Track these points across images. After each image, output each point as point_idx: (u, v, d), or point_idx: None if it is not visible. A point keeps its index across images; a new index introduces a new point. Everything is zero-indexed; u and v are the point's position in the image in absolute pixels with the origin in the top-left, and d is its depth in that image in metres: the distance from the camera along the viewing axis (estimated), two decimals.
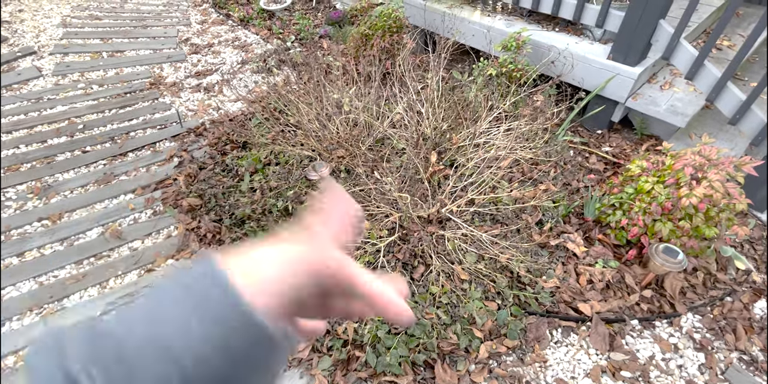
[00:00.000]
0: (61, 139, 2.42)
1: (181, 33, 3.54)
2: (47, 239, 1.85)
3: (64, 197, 2.08)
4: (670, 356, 1.57)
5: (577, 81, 2.35)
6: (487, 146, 1.97)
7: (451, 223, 1.79)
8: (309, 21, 3.47)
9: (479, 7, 2.78)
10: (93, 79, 2.95)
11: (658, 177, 1.68)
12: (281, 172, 1.94)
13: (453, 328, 1.52)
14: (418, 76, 2.28)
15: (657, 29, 2.07)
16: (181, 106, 2.74)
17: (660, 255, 1.64)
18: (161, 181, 2.16)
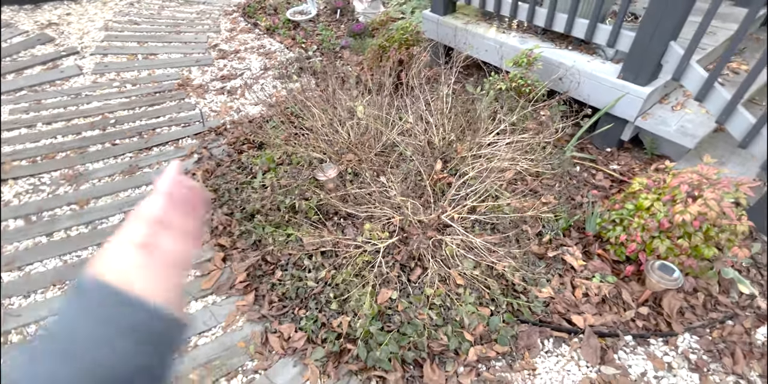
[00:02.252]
0: (94, 132, 2.61)
1: (210, 39, 3.76)
2: (74, 222, 1.99)
3: (92, 185, 2.24)
4: (663, 374, 1.57)
5: (583, 98, 2.39)
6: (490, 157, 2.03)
7: (450, 229, 1.84)
8: (331, 32, 3.63)
9: (495, 24, 2.87)
10: (127, 79, 3.16)
11: (658, 194, 1.70)
12: (292, 171, 2.04)
13: (444, 329, 1.56)
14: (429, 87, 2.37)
15: (667, 50, 2.10)
16: (205, 106, 2.90)
17: (656, 272, 1.65)
18: None
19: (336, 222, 1.92)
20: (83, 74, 3.18)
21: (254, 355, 1.53)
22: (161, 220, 0.39)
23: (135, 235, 0.38)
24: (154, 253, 0.37)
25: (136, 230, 0.38)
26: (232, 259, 1.84)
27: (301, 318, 1.60)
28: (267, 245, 1.81)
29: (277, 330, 1.59)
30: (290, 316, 1.63)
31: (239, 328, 1.62)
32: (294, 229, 1.84)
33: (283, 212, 1.88)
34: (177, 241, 0.38)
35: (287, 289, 1.67)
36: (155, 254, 0.37)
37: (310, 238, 1.79)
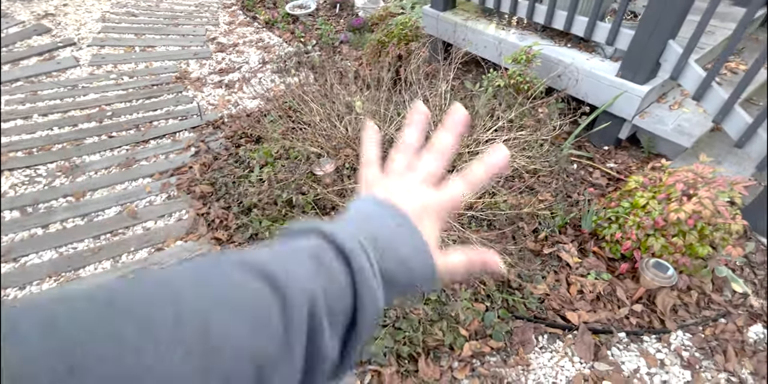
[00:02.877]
0: (90, 124, 2.59)
1: (209, 32, 3.73)
2: (70, 214, 1.99)
3: (88, 177, 2.23)
4: (656, 371, 1.58)
5: (581, 95, 2.39)
6: None
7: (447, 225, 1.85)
8: (331, 27, 3.61)
9: (494, 21, 2.86)
10: (124, 71, 3.13)
11: (653, 192, 1.71)
12: (289, 166, 2.03)
13: (439, 324, 1.57)
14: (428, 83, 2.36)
15: (666, 49, 2.10)
16: (202, 100, 2.89)
17: (650, 269, 1.66)
18: (178, 168, 2.29)
19: (333, 217, 1.92)
20: (80, 66, 3.16)
21: None
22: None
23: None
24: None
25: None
26: None
27: None
28: (264, 239, 1.81)
29: None
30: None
31: None
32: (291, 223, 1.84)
33: (280, 206, 1.88)
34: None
35: None
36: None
37: None
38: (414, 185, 0.36)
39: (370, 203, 0.34)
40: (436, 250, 0.34)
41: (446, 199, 0.36)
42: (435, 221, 0.35)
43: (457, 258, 0.35)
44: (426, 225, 0.34)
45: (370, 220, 0.33)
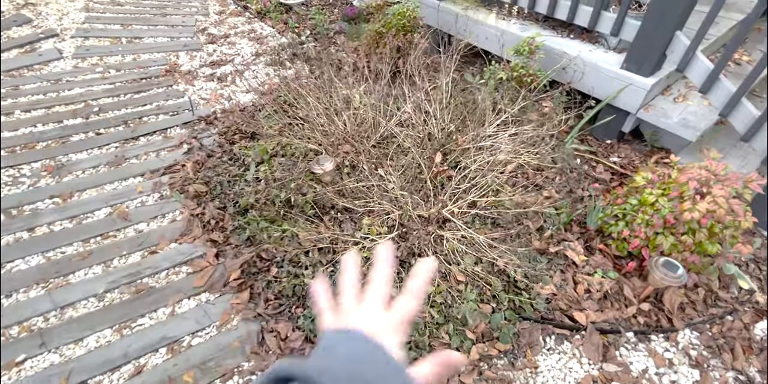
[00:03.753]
0: (76, 121, 2.48)
1: (198, 22, 3.59)
2: (57, 216, 1.90)
3: (75, 177, 2.13)
4: (664, 371, 1.56)
5: (587, 89, 2.33)
6: (492, 150, 1.97)
7: (451, 224, 1.79)
8: (325, 16, 3.49)
9: (494, 10, 2.77)
10: (111, 64, 3.00)
11: (663, 189, 1.67)
12: (287, 164, 1.96)
13: (446, 327, 1.53)
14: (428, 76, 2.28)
15: (673, 40, 2.05)
16: (194, 94, 2.78)
17: (660, 268, 1.63)
18: (170, 167, 2.20)
19: (333, 216, 1.86)
20: (63, 58, 3.02)
21: (250, 355, 1.48)
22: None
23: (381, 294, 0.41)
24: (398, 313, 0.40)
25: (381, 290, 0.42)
26: (226, 255, 1.77)
27: (299, 316, 1.55)
28: (261, 241, 1.74)
29: (274, 329, 1.54)
30: (287, 314, 1.58)
31: (234, 328, 1.56)
32: (289, 224, 1.78)
33: (278, 207, 1.81)
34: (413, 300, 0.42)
35: (283, 286, 1.62)
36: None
37: (307, 234, 1.72)
38: (369, 312, 0.39)
39: (341, 338, 0.37)
40: (408, 368, 0.36)
41: (399, 314, 0.39)
42: (396, 335, 0.38)
43: (425, 369, 0.38)
44: (391, 343, 0.36)
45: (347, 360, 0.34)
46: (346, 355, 0.34)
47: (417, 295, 0.40)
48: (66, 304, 1.59)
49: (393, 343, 0.37)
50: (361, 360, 0.33)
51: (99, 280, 1.67)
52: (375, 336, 0.36)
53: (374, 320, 0.38)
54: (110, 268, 1.73)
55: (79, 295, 1.61)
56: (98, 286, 1.64)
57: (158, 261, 1.74)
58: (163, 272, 1.73)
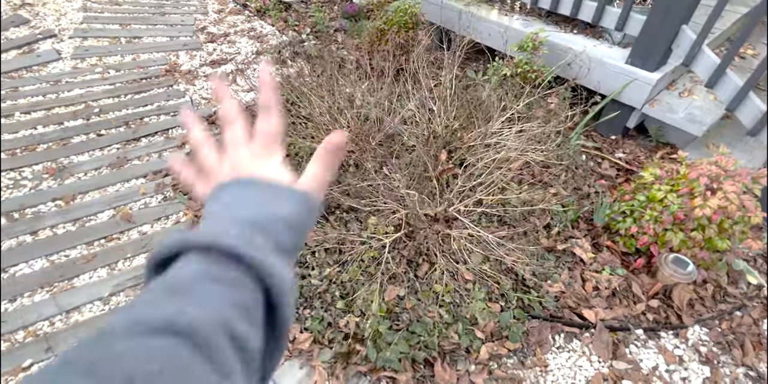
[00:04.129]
0: (77, 122, 2.45)
1: (198, 21, 3.56)
2: (60, 219, 1.88)
3: (77, 179, 2.11)
4: (674, 368, 1.55)
5: (593, 85, 2.32)
6: (498, 147, 1.95)
7: (457, 223, 1.78)
8: (325, 14, 3.46)
9: (497, 6, 2.75)
10: (110, 64, 2.97)
11: (671, 186, 1.65)
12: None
13: (455, 327, 1.52)
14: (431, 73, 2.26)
15: (679, 35, 2.03)
16: (195, 93, 2.76)
17: (669, 265, 1.61)
18: None
19: (339, 216, 1.85)
20: (62, 59, 2.99)
21: None
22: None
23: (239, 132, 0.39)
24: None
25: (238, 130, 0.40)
26: None
27: (307, 318, 1.54)
28: None
29: None
30: (294, 316, 1.57)
31: None
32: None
33: None
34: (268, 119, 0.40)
35: None
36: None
37: (312, 234, 1.71)
38: (232, 157, 0.38)
39: (216, 196, 0.35)
40: (294, 180, 0.36)
41: (261, 139, 0.38)
42: (268, 158, 0.37)
43: (313, 168, 0.37)
44: (261, 166, 0.36)
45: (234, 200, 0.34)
46: (224, 203, 0.33)
47: (270, 111, 0.39)
48: (71, 308, 1.57)
49: (267, 167, 0.36)
50: (239, 203, 0.33)
51: (104, 283, 1.66)
52: (248, 173, 0.35)
53: (239, 161, 0.37)
54: (115, 271, 1.72)
55: (84, 299, 1.60)
56: (103, 289, 1.63)
57: None
58: None
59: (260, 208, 0.33)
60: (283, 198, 0.34)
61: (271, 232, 0.32)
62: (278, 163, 0.37)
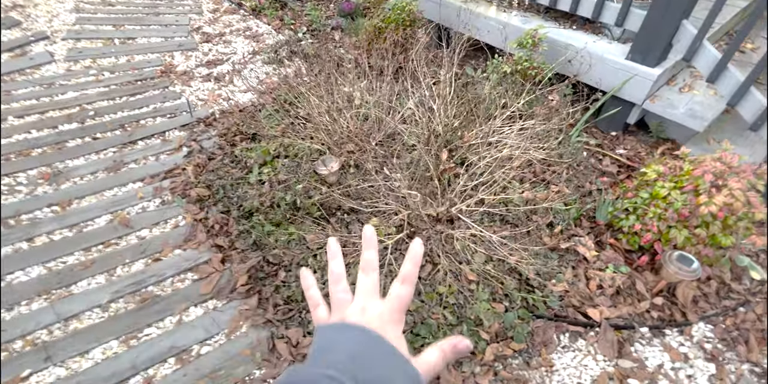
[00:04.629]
0: (71, 126, 2.42)
1: (192, 21, 3.52)
2: (56, 225, 1.85)
3: (73, 184, 2.08)
4: (680, 366, 1.55)
5: (595, 81, 2.30)
6: (499, 145, 1.94)
7: (460, 223, 1.76)
8: (321, 12, 3.43)
9: (495, 2, 2.72)
10: (104, 66, 2.93)
11: (675, 183, 1.64)
12: (290, 165, 1.92)
13: (459, 328, 1.51)
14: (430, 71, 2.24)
15: (679, 30, 2.01)
16: (191, 95, 2.72)
17: (674, 263, 1.60)
18: (170, 171, 2.15)
19: (340, 218, 1.83)
20: (55, 61, 2.95)
21: (261, 363, 1.45)
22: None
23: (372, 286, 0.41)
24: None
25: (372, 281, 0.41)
26: (232, 260, 1.73)
27: (309, 321, 1.53)
28: (268, 245, 1.70)
29: (284, 335, 1.51)
30: (297, 319, 1.55)
31: (244, 335, 1.53)
32: (296, 227, 1.74)
33: (284, 209, 1.77)
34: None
35: (293, 291, 1.59)
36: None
37: (314, 237, 1.69)
38: (363, 304, 0.38)
39: (339, 334, 0.36)
40: (410, 356, 0.35)
41: (394, 303, 0.38)
42: (395, 325, 0.37)
43: (432, 356, 0.37)
44: (390, 332, 0.36)
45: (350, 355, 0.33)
46: (347, 350, 0.33)
47: (410, 281, 0.39)
48: (70, 316, 1.55)
49: (393, 333, 0.36)
50: (364, 354, 0.33)
51: (102, 289, 1.63)
52: (374, 328, 0.35)
53: (371, 312, 0.37)
54: (113, 277, 1.70)
55: (82, 306, 1.57)
56: (102, 296, 1.61)
57: (162, 268, 1.71)
58: (168, 280, 1.69)
59: (379, 376, 0.32)
60: (399, 369, 0.33)
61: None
62: (401, 334, 0.37)
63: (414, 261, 0.40)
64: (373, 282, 0.40)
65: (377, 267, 0.42)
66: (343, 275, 0.42)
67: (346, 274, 0.42)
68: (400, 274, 0.40)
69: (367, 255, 0.42)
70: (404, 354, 0.35)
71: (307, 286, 0.43)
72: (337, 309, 0.40)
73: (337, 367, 0.31)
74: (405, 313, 0.39)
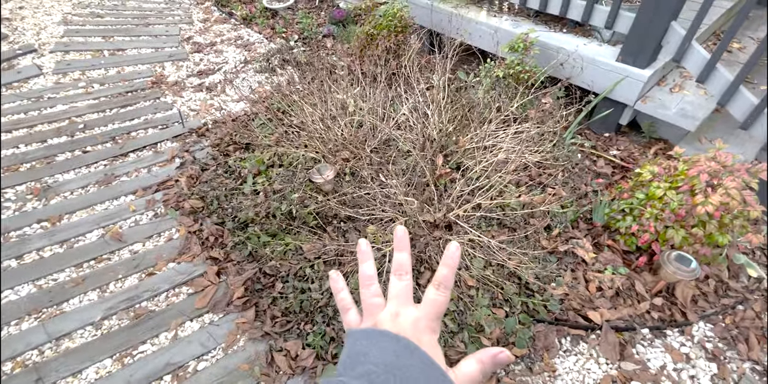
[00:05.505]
0: (61, 139, 2.39)
1: (183, 31, 3.51)
2: (46, 241, 1.81)
3: (63, 198, 2.05)
4: (682, 366, 1.54)
5: (587, 83, 2.31)
6: (494, 149, 1.94)
7: (457, 228, 1.75)
8: (312, 20, 3.43)
9: (485, 7, 2.74)
10: (94, 78, 2.91)
11: (670, 183, 1.64)
12: (285, 174, 1.90)
13: (460, 336, 1.49)
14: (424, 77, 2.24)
15: (668, 31, 2.03)
16: (182, 105, 2.70)
17: (672, 263, 1.60)
18: (163, 183, 2.13)
19: (336, 226, 1.81)
20: (43, 74, 2.92)
21: (260, 377, 1.42)
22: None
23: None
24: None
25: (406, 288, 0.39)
26: (227, 272, 1.70)
27: (308, 333, 1.50)
28: (264, 256, 1.68)
29: (283, 348, 1.49)
30: (296, 331, 1.52)
31: (241, 349, 1.50)
32: (292, 237, 1.72)
33: (279, 219, 1.75)
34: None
35: (290, 302, 1.56)
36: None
37: (311, 246, 1.67)
38: (397, 309, 0.37)
39: (372, 341, 0.34)
40: (447, 367, 0.34)
41: (430, 309, 0.37)
42: (431, 333, 0.36)
43: (471, 367, 0.35)
44: (425, 341, 0.34)
45: (384, 366, 0.32)
46: (382, 361, 0.32)
47: (446, 285, 0.38)
48: (61, 335, 1.51)
49: (428, 341, 0.34)
50: (398, 365, 0.31)
51: (95, 306, 1.60)
52: (408, 336, 0.34)
53: (404, 318, 0.35)
54: (106, 294, 1.66)
55: (74, 325, 1.54)
56: (94, 313, 1.57)
57: (157, 283, 1.67)
58: (163, 294, 1.66)
59: (410, 378, 0.31)
60: (435, 382, 0.32)
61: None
62: (436, 343, 0.36)
63: (450, 265, 0.39)
64: (407, 286, 0.39)
65: (410, 270, 0.40)
66: (374, 278, 0.40)
67: (371, 280, 0.40)
68: (435, 278, 0.38)
69: (399, 257, 0.40)
70: (441, 365, 0.33)
71: (338, 290, 0.42)
72: (369, 314, 0.38)
73: (370, 379, 0.30)
74: (441, 320, 0.37)
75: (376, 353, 0.32)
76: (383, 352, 0.32)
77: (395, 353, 0.32)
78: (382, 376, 0.30)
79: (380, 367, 0.31)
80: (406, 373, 0.31)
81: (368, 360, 0.32)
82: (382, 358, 0.32)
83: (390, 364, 0.31)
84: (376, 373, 0.30)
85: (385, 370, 0.31)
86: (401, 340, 0.33)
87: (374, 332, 0.35)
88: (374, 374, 0.30)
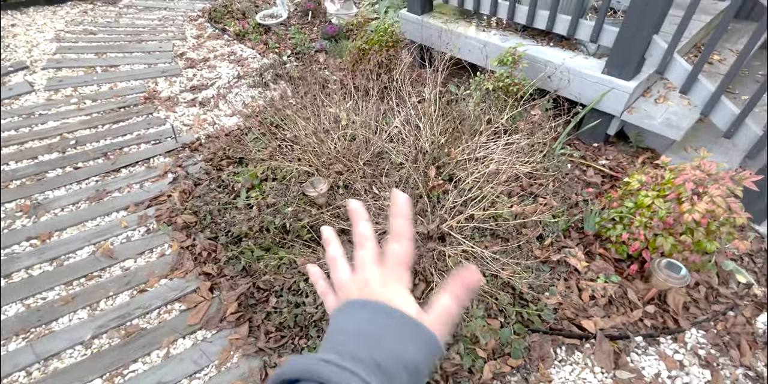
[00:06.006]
0: (52, 156, 2.38)
1: (176, 47, 3.54)
2: (36, 259, 1.79)
3: (54, 215, 2.03)
4: (676, 373, 1.55)
5: (574, 95, 2.37)
6: (486, 161, 1.96)
7: (451, 239, 1.76)
8: (305, 35, 3.49)
9: (474, 23, 2.81)
10: (86, 94, 2.92)
11: (657, 191, 1.68)
12: (279, 188, 1.91)
13: (456, 347, 1.48)
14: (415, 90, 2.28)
15: (651, 44, 2.10)
16: (175, 120, 2.71)
17: (663, 270, 1.62)
18: (155, 198, 2.12)
19: None
20: (35, 91, 2.92)
21: None
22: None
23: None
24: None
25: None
26: (221, 288, 1.69)
27: (303, 348, 1.49)
28: (258, 271, 1.67)
29: (277, 363, 1.47)
30: (290, 346, 1.51)
31: (235, 366, 1.48)
32: (286, 251, 1.72)
33: (273, 233, 1.75)
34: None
35: (284, 317, 1.55)
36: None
37: (304, 260, 1.67)
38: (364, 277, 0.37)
39: (345, 314, 0.35)
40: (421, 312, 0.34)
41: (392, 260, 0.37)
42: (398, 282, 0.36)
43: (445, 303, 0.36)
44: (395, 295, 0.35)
45: (353, 334, 0.33)
46: (351, 330, 0.33)
47: (404, 236, 0.38)
48: (50, 355, 1.48)
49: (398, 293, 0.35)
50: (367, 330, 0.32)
51: (85, 325, 1.57)
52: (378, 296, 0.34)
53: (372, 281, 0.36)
54: (96, 312, 1.63)
55: (64, 344, 1.51)
56: (84, 332, 1.54)
57: (148, 300, 1.65)
58: (155, 311, 1.64)
59: (387, 349, 0.31)
60: (410, 336, 0.32)
61: (396, 382, 0.30)
62: (405, 289, 0.36)
63: (401, 214, 0.38)
64: (371, 253, 0.38)
65: (371, 236, 0.39)
66: (342, 255, 0.40)
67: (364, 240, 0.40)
68: (390, 232, 0.39)
69: (359, 228, 0.40)
70: (412, 315, 0.33)
71: (315, 280, 0.42)
72: (339, 290, 0.38)
73: (337, 350, 0.30)
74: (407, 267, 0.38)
75: (351, 324, 0.33)
76: (357, 321, 0.33)
77: (365, 319, 0.33)
78: (350, 344, 0.30)
79: (348, 336, 0.32)
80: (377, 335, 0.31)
81: (341, 333, 0.33)
82: (352, 328, 0.32)
83: (358, 331, 0.32)
84: (343, 342, 0.31)
85: (353, 339, 0.31)
86: (371, 304, 0.34)
87: (346, 305, 0.35)
88: (341, 345, 0.31)
